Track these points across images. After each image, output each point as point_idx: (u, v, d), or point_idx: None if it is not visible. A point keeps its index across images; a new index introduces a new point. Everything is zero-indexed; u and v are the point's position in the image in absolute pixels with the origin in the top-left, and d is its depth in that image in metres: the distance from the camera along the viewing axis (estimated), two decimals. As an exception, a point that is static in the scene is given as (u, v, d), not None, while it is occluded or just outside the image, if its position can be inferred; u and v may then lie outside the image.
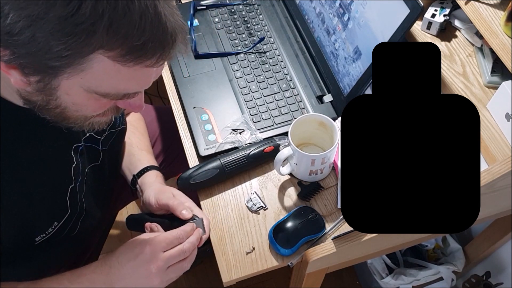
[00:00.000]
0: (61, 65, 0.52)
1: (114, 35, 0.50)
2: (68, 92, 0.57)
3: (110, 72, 0.54)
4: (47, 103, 0.59)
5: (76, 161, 0.76)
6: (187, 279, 1.59)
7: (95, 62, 0.52)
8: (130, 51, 0.52)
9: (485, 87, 0.88)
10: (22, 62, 0.52)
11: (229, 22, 1.14)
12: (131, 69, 0.54)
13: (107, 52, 0.52)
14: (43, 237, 0.72)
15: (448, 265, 1.29)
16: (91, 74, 0.54)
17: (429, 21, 0.96)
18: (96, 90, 0.56)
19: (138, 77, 0.57)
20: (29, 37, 0.49)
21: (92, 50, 0.51)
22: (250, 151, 0.90)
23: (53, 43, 0.49)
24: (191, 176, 0.88)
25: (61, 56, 0.50)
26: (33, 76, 0.54)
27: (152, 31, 0.51)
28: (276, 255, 0.83)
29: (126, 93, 0.59)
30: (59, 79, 0.54)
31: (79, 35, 0.49)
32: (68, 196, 0.74)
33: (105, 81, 0.55)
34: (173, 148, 1.14)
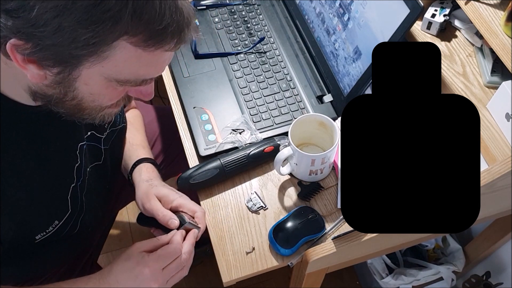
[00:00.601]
0: (86, 54, 0.53)
1: (138, 21, 0.52)
2: (87, 82, 0.58)
3: (132, 58, 0.56)
4: (64, 95, 0.60)
5: (80, 161, 0.76)
6: (187, 279, 1.58)
7: (118, 49, 0.54)
8: (153, 35, 0.54)
9: (485, 87, 0.88)
10: (44, 54, 0.53)
11: (229, 22, 1.14)
12: (151, 54, 0.56)
13: (131, 38, 0.53)
14: (43, 235, 0.72)
15: (448, 265, 1.29)
16: (113, 62, 0.55)
17: (429, 21, 0.96)
18: (117, 77, 0.58)
19: (156, 62, 0.59)
20: (56, 28, 0.50)
21: (118, 36, 0.53)
22: (250, 151, 0.90)
23: (80, 32, 0.51)
24: (191, 176, 0.88)
25: (88, 44, 0.52)
26: (53, 68, 0.55)
27: (171, 15, 0.54)
28: (276, 255, 0.83)
29: (144, 79, 0.61)
30: (79, 69, 0.56)
31: (106, 22, 0.50)
32: (69, 195, 0.75)
33: (126, 67, 0.57)
34: (173, 148, 1.14)
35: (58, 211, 0.74)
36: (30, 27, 0.50)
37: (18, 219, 0.68)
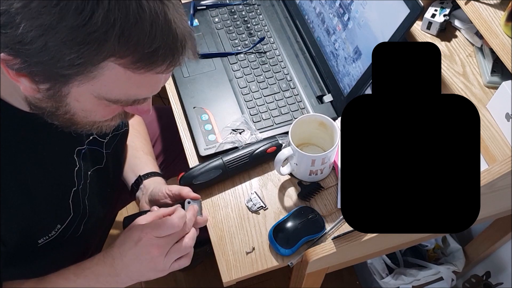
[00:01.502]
0: (73, 73, 0.52)
1: (126, 43, 0.50)
2: (78, 99, 0.57)
3: (121, 79, 0.54)
4: (56, 109, 0.59)
5: (78, 164, 0.76)
6: (187, 279, 1.59)
7: (106, 70, 0.53)
8: (141, 58, 0.52)
9: (485, 87, 0.88)
10: (33, 70, 0.52)
11: (229, 22, 1.14)
12: (142, 75, 0.54)
13: (119, 60, 0.52)
14: (46, 239, 0.72)
15: (448, 265, 1.29)
16: (102, 81, 0.54)
17: (429, 21, 0.96)
18: (106, 97, 0.57)
19: (148, 83, 0.58)
20: (41, 46, 0.49)
21: (104, 58, 0.51)
22: (253, 151, 0.90)
23: (65, 52, 0.50)
24: (193, 177, 0.88)
25: (73, 65, 0.51)
26: (43, 84, 0.54)
27: (163, 38, 0.52)
28: (276, 255, 0.83)
29: (136, 99, 0.60)
30: (69, 86, 0.55)
31: (91, 44, 0.49)
32: (70, 199, 0.75)
33: (115, 87, 0.56)
34: (173, 148, 1.14)
35: (60, 215, 0.74)
36: (17, 44, 0.50)
37: (22, 224, 0.68)
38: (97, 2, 0.48)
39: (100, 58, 0.51)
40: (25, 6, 0.48)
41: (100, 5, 0.48)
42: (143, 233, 0.71)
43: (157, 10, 0.51)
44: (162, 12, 0.51)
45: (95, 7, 0.48)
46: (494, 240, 1.18)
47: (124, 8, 0.49)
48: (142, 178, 0.91)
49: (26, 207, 0.67)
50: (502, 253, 1.22)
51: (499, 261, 1.24)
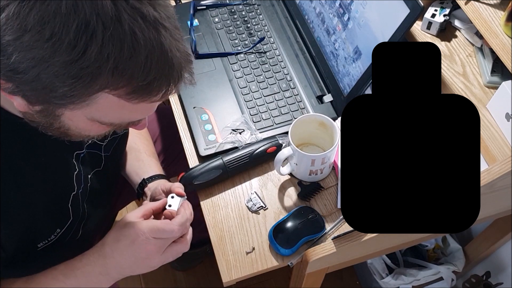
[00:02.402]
0: (66, 103, 0.52)
1: (120, 77, 0.50)
2: (72, 119, 0.57)
3: (115, 106, 0.54)
4: (50, 125, 0.59)
5: (77, 168, 0.76)
6: (187, 279, 1.59)
7: (100, 99, 0.52)
8: (136, 90, 0.52)
9: (485, 87, 0.88)
10: (26, 95, 0.52)
11: (229, 22, 1.14)
12: (136, 105, 0.54)
13: (113, 91, 0.52)
14: (45, 243, 0.72)
15: (448, 265, 1.29)
16: (96, 108, 0.54)
17: (429, 21, 0.96)
18: (100, 120, 0.57)
19: (142, 109, 0.58)
20: (34, 76, 0.49)
21: (97, 90, 0.51)
22: (253, 151, 0.90)
23: (57, 85, 0.49)
24: (194, 177, 0.88)
25: (66, 96, 0.51)
26: (36, 105, 0.54)
27: (158, 70, 0.51)
28: (276, 255, 0.83)
29: (130, 122, 0.60)
30: (62, 109, 0.55)
31: (84, 78, 0.49)
32: (70, 203, 0.75)
33: (109, 113, 0.56)
34: (173, 148, 1.14)
35: (60, 219, 0.74)
36: (10, 72, 0.49)
37: (21, 229, 0.68)
38: (90, 37, 0.47)
39: (93, 90, 0.51)
40: (17, 39, 0.47)
41: (93, 41, 0.47)
42: (140, 232, 0.70)
43: (153, 41, 0.50)
44: (158, 43, 0.50)
45: (88, 43, 0.47)
46: (494, 240, 1.18)
47: (118, 42, 0.48)
48: (147, 182, 0.90)
49: (26, 212, 0.67)
50: (502, 253, 1.22)
51: (499, 261, 1.24)
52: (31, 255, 0.72)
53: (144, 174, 0.92)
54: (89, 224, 0.80)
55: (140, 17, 0.49)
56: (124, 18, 0.48)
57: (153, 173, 0.92)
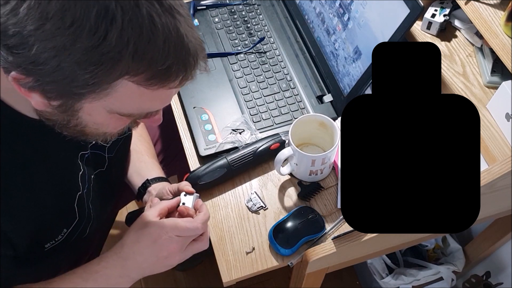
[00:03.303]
0: (86, 92, 0.52)
1: (140, 61, 0.50)
2: (90, 113, 0.57)
3: (134, 94, 0.54)
4: (67, 122, 0.59)
5: (82, 169, 0.76)
6: (187, 279, 1.59)
7: (119, 87, 0.53)
8: (155, 75, 0.52)
9: (485, 87, 0.88)
10: (45, 88, 0.52)
11: (229, 22, 1.14)
12: (155, 91, 0.54)
13: (132, 78, 0.52)
14: (52, 244, 0.72)
15: (448, 265, 1.29)
16: (115, 97, 0.54)
17: (429, 21, 0.96)
18: (119, 111, 0.57)
19: (161, 97, 0.58)
20: (55, 67, 0.49)
21: (118, 76, 0.51)
22: (257, 149, 0.90)
23: (79, 73, 0.49)
24: (198, 177, 0.88)
25: (87, 84, 0.51)
26: (55, 100, 0.54)
27: (176, 54, 0.52)
28: (276, 255, 0.83)
29: (149, 112, 0.60)
30: (82, 102, 0.55)
31: (106, 64, 0.49)
32: (76, 203, 0.75)
33: (128, 103, 0.56)
34: (173, 148, 1.14)
35: (66, 219, 0.74)
36: (30, 64, 0.49)
37: (30, 229, 0.68)
38: (110, 22, 0.47)
39: (114, 77, 0.51)
40: (38, 28, 0.47)
41: (113, 25, 0.47)
42: (163, 231, 0.70)
43: (170, 26, 0.50)
44: (174, 28, 0.51)
45: (108, 28, 0.47)
46: (494, 240, 1.18)
47: (137, 26, 0.48)
48: (150, 182, 0.90)
49: (35, 212, 0.67)
50: (502, 253, 1.22)
51: (499, 261, 1.24)
52: (38, 256, 0.72)
53: (147, 175, 0.92)
54: (94, 224, 0.81)
55: (156, 3, 0.49)
56: (142, 3, 0.48)
57: (156, 175, 0.92)
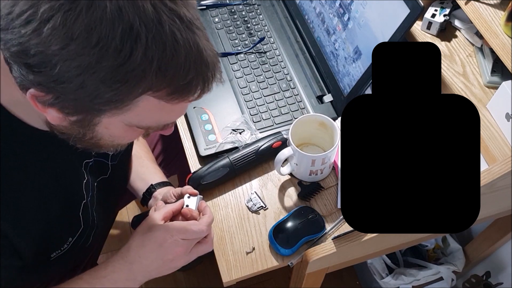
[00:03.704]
0: (108, 108, 0.53)
1: (163, 78, 0.50)
2: (108, 127, 0.58)
3: (155, 109, 0.55)
4: (83, 136, 0.59)
5: (86, 177, 0.76)
6: (187, 279, 1.59)
7: (140, 102, 0.53)
8: (177, 90, 0.53)
9: (485, 87, 0.88)
10: (65, 105, 0.52)
11: (229, 22, 1.14)
12: (174, 105, 0.55)
13: (155, 93, 0.52)
14: (58, 253, 0.72)
15: (448, 265, 1.29)
16: (136, 112, 0.54)
17: (429, 21, 0.96)
18: (138, 125, 0.58)
19: (179, 110, 0.59)
20: (78, 85, 0.49)
21: (141, 93, 0.51)
22: (259, 148, 0.90)
23: (103, 90, 0.50)
24: (201, 177, 0.88)
25: (111, 101, 0.51)
26: (73, 116, 0.54)
27: (196, 69, 0.52)
28: (276, 255, 0.83)
29: (166, 124, 0.61)
30: (101, 117, 0.55)
31: (130, 82, 0.49)
32: (81, 211, 0.75)
33: (148, 117, 0.56)
34: (173, 147, 1.14)
35: (72, 228, 0.74)
36: (52, 82, 0.49)
37: (37, 238, 0.68)
38: (135, 40, 0.47)
39: (137, 93, 0.51)
40: (63, 48, 0.47)
41: (138, 44, 0.47)
42: (169, 235, 0.71)
43: (190, 41, 0.51)
44: (194, 43, 0.51)
45: (133, 46, 0.47)
46: (494, 240, 1.18)
47: (161, 44, 0.48)
48: (155, 187, 0.91)
49: (42, 221, 0.67)
50: (502, 253, 1.22)
51: (499, 261, 1.24)
52: (44, 265, 0.72)
53: (150, 180, 0.92)
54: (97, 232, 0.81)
55: (177, 19, 0.50)
56: (164, 20, 0.49)
57: (160, 180, 0.92)
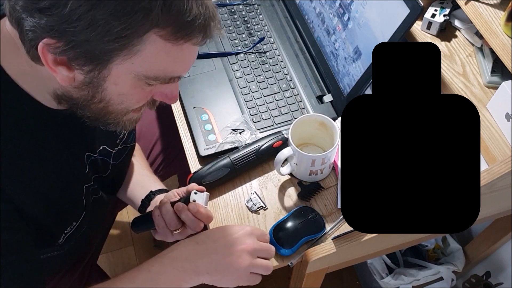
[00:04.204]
0: (117, 48, 0.54)
1: (168, 13, 0.54)
2: (117, 81, 0.59)
3: (161, 53, 0.57)
4: (92, 97, 0.60)
5: (87, 168, 0.77)
6: (187, 279, 1.59)
7: (148, 43, 0.55)
8: (181, 28, 0.56)
9: (485, 87, 0.88)
10: (76, 52, 0.54)
11: (229, 22, 1.14)
12: (179, 48, 0.57)
13: (161, 31, 0.55)
14: (63, 237, 0.73)
15: (448, 265, 1.29)
16: (143, 57, 0.56)
17: (429, 21, 0.96)
18: (146, 74, 0.59)
19: (183, 57, 0.60)
20: (89, 21, 0.51)
21: (148, 28, 0.54)
22: (259, 147, 0.90)
23: (113, 24, 0.52)
24: (202, 177, 0.88)
25: (120, 37, 0.53)
26: (84, 67, 0.56)
27: (198, 8, 0.56)
28: (276, 255, 0.83)
29: (172, 76, 0.62)
30: (110, 67, 0.57)
31: (138, 14, 0.52)
32: (84, 195, 0.75)
33: (155, 63, 0.58)
34: (173, 147, 1.14)
35: (75, 211, 0.75)
36: (64, 23, 0.51)
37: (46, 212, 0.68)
38: None
39: (146, 28, 0.54)
40: None
41: None
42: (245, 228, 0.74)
43: None
44: None
45: None
46: (494, 240, 1.18)
47: None
48: (155, 194, 0.91)
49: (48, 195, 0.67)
50: (502, 253, 1.22)
51: (499, 261, 1.24)
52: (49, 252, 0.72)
53: (150, 187, 0.93)
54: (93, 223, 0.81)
55: None
56: None
57: (159, 187, 0.93)
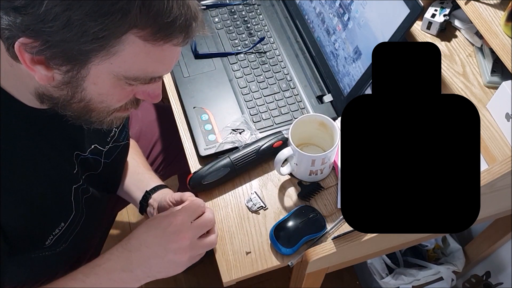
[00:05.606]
0: (95, 48, 0.53)
1: (147, 13, 0.52)
2: (96, 81, 0.57)
3: (140, 53, 0.55)
4: (71, 97, 0.59)
5: (76, 168, 0.76)
6: (187, 279, 1.59)
7: (127, 44, 0.54)
8: (161, 29, 0.54)
9: (485, 87, 0.88)
10: (53, 52, 0.53)
11: (229, 22, 1.14)
12: (160, 49, 0.56)
13: (140, 32, 0.53)
14: (51, 239, 0.71)
15: (448, 265, 1.29)
16: (122, 57, 0.55)
17: (429, 21, 0.96)
18: (125, 74, 0.57)
19: (164, 58, 0.59)
20: (65, 22, 0.50)
21: (127, 29, 0.52)
22: (259, 147, 0.90)
23: (89, 25, 0.50)
24: (202, 177, 0.88)
25: (97, 38, 0.51)
26: (61, 67, 0.55)
27: (179, 9, 0.54)
28: (276, 255, 0.83)
29: (153, 77, 0.61)
30: (88, 66, 0.55)
31: (115, 14, 0.50)
32: (72, 196, 0.74)
33: (134, 64, 0.56)
34: (173, 148, 1.14)
35: (63, 213, 0.73)
36: (39, 23, 0.50)
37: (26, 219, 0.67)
38: None
39: (124, 29, 0.52)
40: None
41: None
42: (173, 217, 0.69)
43: None
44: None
45: None
46: (494, 240, 1.18)
47: None
48: (150, 193, 0.90)
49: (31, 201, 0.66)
50: (502, 253, 1.22)
51: (499, 261, 1.24)
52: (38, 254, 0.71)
53: (145, 187, 0.92)
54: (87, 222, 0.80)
55: None
56: None
57: (155, 184, 0.92)
